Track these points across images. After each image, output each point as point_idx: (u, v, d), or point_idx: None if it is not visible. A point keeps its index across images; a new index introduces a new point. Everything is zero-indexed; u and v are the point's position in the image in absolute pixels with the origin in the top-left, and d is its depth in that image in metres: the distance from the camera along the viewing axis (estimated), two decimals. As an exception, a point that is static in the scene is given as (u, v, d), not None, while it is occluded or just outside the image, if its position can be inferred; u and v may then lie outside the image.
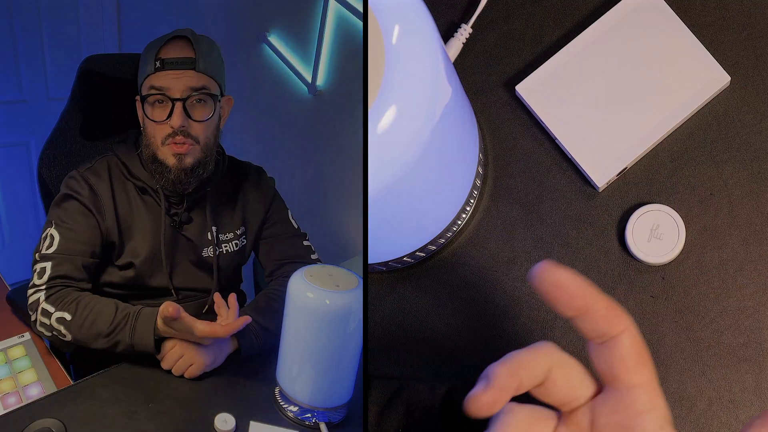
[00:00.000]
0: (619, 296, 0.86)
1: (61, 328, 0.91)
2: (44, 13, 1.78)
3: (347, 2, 1.45)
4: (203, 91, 0.96)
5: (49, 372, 0.95)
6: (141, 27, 1.93)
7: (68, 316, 0.91)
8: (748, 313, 0.85)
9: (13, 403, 0.90)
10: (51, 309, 0.92)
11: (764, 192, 0.86)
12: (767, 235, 0.86)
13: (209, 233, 1.02)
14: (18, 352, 0.97)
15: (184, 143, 0.95)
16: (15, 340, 0.99)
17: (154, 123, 0.95)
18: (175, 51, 0.96)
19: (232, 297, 0.97)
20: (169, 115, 0.94)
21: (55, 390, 0.92)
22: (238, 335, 0.94)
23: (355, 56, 1.47)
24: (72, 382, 0.94)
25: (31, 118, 1.84)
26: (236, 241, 1.06)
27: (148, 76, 0.96)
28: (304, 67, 1.63)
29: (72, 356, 1.07)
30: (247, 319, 0.91)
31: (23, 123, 1.84)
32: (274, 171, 1.14)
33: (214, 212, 1.03)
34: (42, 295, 0.93)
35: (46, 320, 0.92)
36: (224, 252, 1.05)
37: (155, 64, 0.95)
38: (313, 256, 1.09)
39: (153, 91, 0.95)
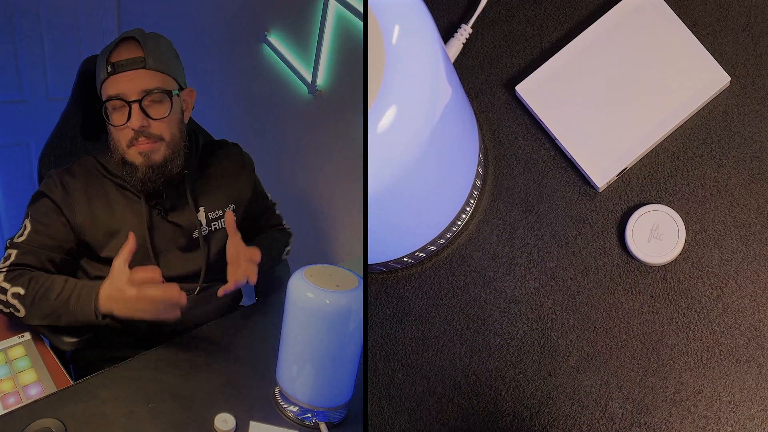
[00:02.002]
0: (619, 296, 0.86)
1: (16, 303, 0.95)
2: (44, 13, 1.78)
3: (347, 2, 1.45)
4: (157, 90, 0.97)
5: (49, 372, 0.95)
6: (141, 27, 1.92)
7: (22, 291, 0.94)
8: (748, 314, 0.85)
9: (13, 403, 0.90)
10: (7, 286, 0.95)
11: (764, 192, 0.86)
12: (767, 235, 0.86)
13: (198, 214, 1.05)
14: (18, 352, 0.97)
15: (147, 143, 0.97)
16: (15, 340, 0.99)
17: (116, 128, 0.97)
18: (124, 53, 0.98)
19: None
20: (128, 118, 0.96)
21: (55, 390, 0.91)
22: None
23: (355, 56, 1.47)
24: (72, 382, 0.94)
25: (31, 118, 1.84)
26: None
27: (103, 82, 0.98)
28: (304, 67, 1.63)
29: (72, 356, 1.07)
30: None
31: (23, 123, 1.84)
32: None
33: (195, 193, 1.05)
34: (2, 276, 0.96)
35: (2, 297, 0.95)
36: (215, 229, 1.07)
37: (107, 69, 0.97)
38: (284, 222, 1.20)
39: (110, 99, 0.97)
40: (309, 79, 1.60)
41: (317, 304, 0.80)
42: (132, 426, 0.82)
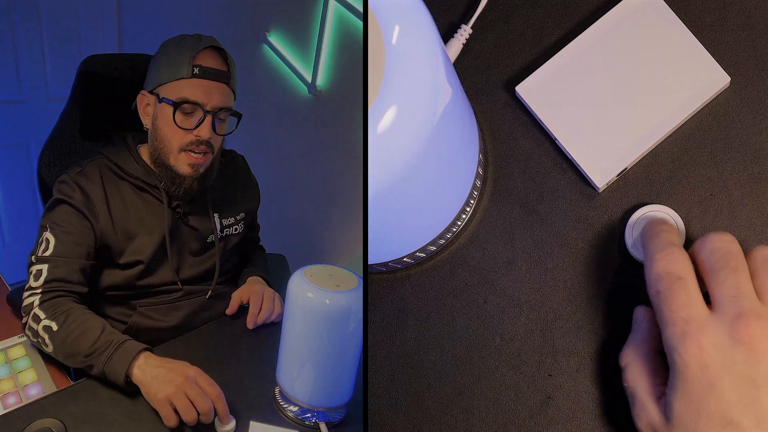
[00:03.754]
0: (619, 297, 0.86)
1: (46, 337, 0.90)
2: (44, 13, 1.78)
3: (347, 2, 1.45)
4: (231, 110, 0.99)
5: (49, 372, 0.95)
6: (141, 27, 1.93)
7: (55, 326, 0.90)
8: (748, 314, 0.85)
9: (13, 403, 0.90)
10: (42, 315, 0.91)
11: (764, 192, 0.86)
12: (767, 235, 0.86)
13: (214, 219, 1.05)
14: (18, 352, 0.97)
15: (205, 153, 0.97)
16: (15, 340, 0.99)
17: (178, 129, 0.96)
18: (212, 61, 0.97)
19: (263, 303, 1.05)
20: (197, 125, 0.96)
21: (55, 390, 0.92)
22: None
23: (355, 56, 1.47)
24: (72, 382, 0.94)
25: (31, 118, 1.84)
26: (236, 226, 1.09)
27: (181, 79, 0.96)
28: (304, 67, 1.63)
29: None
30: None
31: (23, 123, 1.84)
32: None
33: (214, 199, 1.06)
34: (37, 299, 0.92)
35: (34, 325, 0.91)
36: (226, 235, 1.07)
37: (193, 70, 0.95)
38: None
39: (188, 102, 0.96)
40: (309, 79, 1.60)
41: (317, 304, 0.80)
42: (132, 426, 0.82)
